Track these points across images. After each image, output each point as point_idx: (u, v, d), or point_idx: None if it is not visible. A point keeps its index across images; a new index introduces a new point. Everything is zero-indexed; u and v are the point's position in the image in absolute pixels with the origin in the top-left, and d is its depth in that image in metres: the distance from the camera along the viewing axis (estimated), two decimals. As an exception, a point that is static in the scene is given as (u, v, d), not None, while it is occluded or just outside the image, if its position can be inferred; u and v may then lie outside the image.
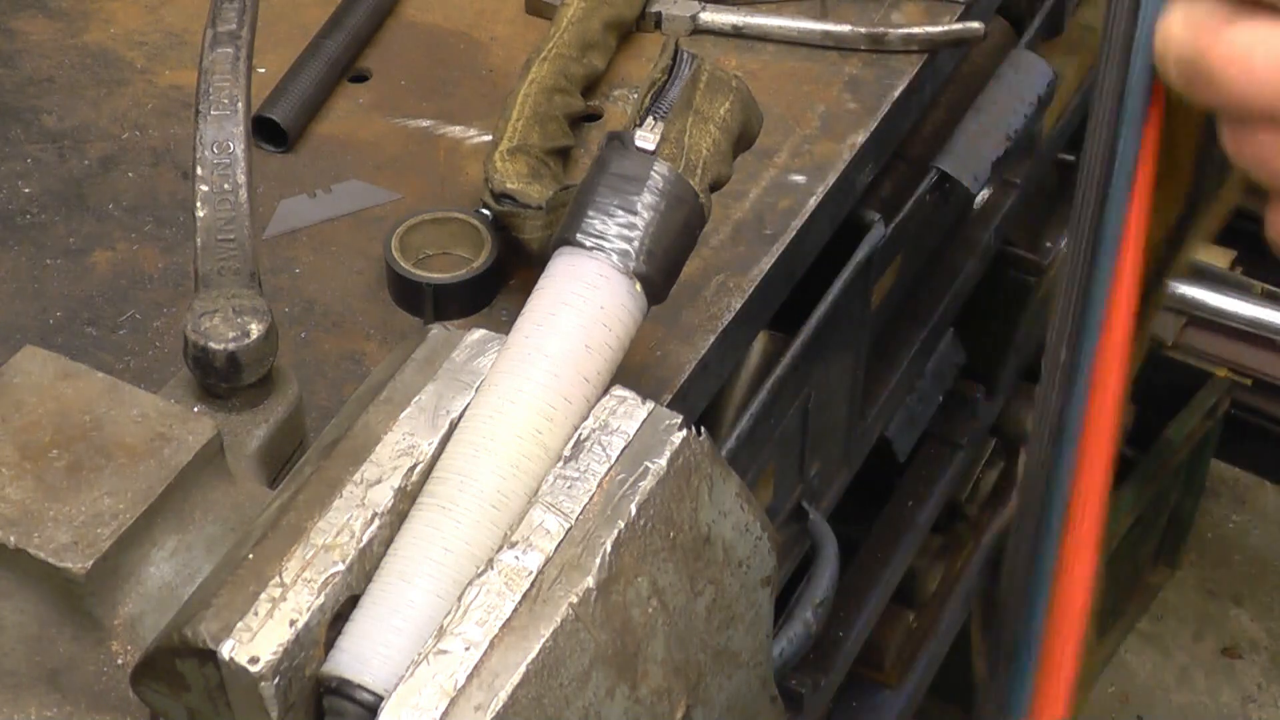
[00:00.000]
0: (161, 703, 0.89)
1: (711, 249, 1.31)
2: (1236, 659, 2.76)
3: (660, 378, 1.22)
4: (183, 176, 1.36)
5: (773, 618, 1.05)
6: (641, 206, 1.00)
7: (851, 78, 1.46)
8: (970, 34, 1.48)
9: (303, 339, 1.25)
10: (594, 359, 0.95)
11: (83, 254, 1.30)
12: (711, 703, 0.99)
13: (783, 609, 1.48)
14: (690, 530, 0.93)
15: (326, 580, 0.86)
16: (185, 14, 1.51)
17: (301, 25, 1.48)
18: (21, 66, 1.46)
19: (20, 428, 0.96)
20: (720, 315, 1.27)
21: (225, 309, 1.04)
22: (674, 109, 1.04)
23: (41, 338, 1.22)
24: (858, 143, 1.41)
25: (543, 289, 0.98)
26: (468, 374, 0.94)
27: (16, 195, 1.35)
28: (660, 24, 1.50)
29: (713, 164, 1.05)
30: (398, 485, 0.90)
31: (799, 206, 1.35)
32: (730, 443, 1.37)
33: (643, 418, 0.93)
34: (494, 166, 1.27)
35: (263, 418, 1.07)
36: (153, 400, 0.99)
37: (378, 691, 0.85)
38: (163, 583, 0.94)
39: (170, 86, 1.45)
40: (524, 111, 1.32)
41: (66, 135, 1.40)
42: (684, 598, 0.94)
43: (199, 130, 1.12)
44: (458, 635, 0.85)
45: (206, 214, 1.09)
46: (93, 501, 0.93)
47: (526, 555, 0.88)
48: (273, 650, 0.83)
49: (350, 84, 1.46)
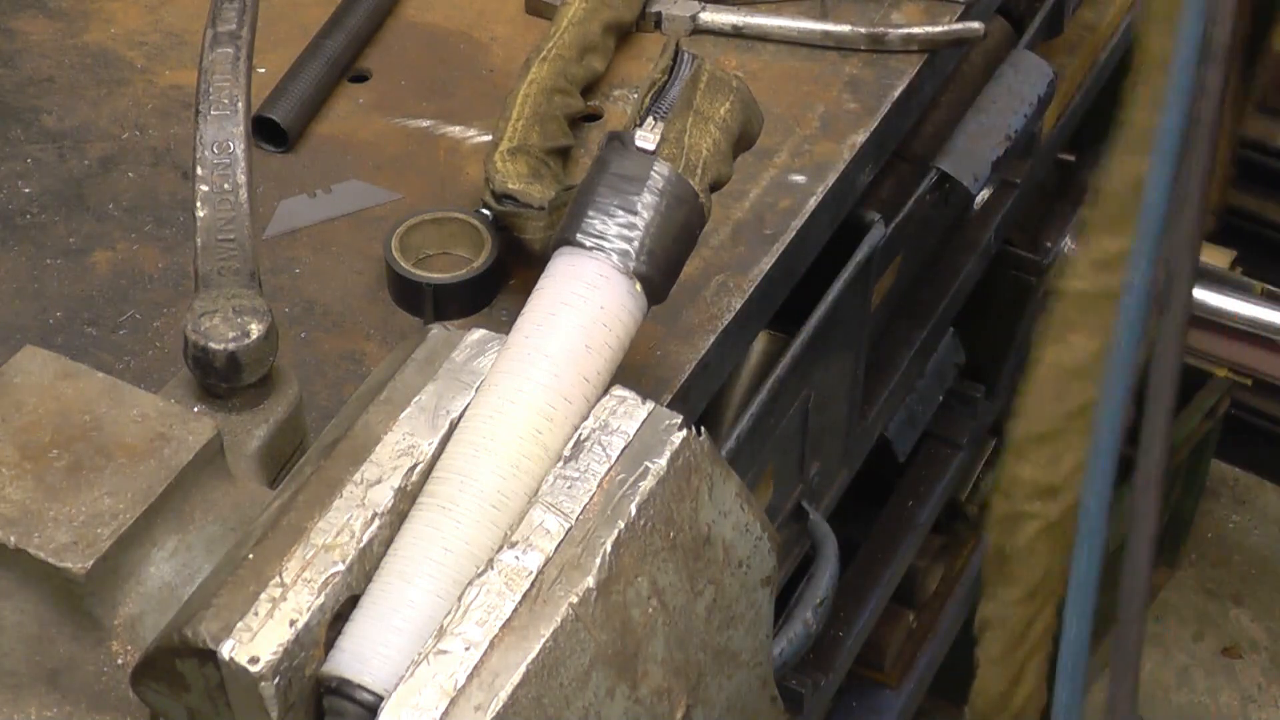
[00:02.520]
0: (161, 703, 0.89)
1: (711, 249, 1.31)
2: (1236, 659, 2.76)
3: (660, 378, 1.22)
4: (183, 176, 1.36)
5: (773, 618, 1.05)
6: (642, 206, 1.00)
7: (851, 78, 1.46)
8: (970, 34, 1.48)
9: (303, 339, 1.25)
10: (594, 359, 0.95)
11: (83, 254, 1.30)
12: (711, 703, 0.99)
13: (783, 609, 1.48)
14: (690, 530, 0.93)
15: (326, 580, 0.86)
16: (185, 14, 1.51)
17: (301, 25, 1.48)
18: (21, 66, 1.46)
19: (20, 428, 0.96)
20: (720, 315, 1.26)
21: (225, 309, 1.04)
22: (674, 109, 1.04)
23: (41, 338, 1.22)
24: (858, 143, 1.41)
25: (543, 289, 0.98)
26: (468, 374, 0.94)
27: (16, 195, 1.35)
28: (660, 24, 1.50)
29: (713, 164, 1.05)
30: (398, 485, 0.90)
31: (799, 206, 1.35)
32: (730, 443, 1.37)
33: (643, 418, 0.93)
34: (495, 167, 1.26)
35: (263, 418, 1.07)
36: (153, 400, 0.99)
37: (378, 691, 0.85)
38: (163, 583, 0.94)
39: (170, 86, 1.45)
40: (524, 112, 1.32)
41: (66, 135, 1.40)
42: (684, 598, 0.94)
43: (199, 130, 1.12)
44: (458, 635, 0.85)
45: (206, 214, 1.09)
46: (93, 501, 0.93)
47: (526, 555, 0.88)
48: (273, 650, 0.83)
49: (350, 84, 1.46)
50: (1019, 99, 1.65)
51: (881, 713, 2.01)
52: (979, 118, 1.63)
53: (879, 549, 1.91)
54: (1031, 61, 1.68)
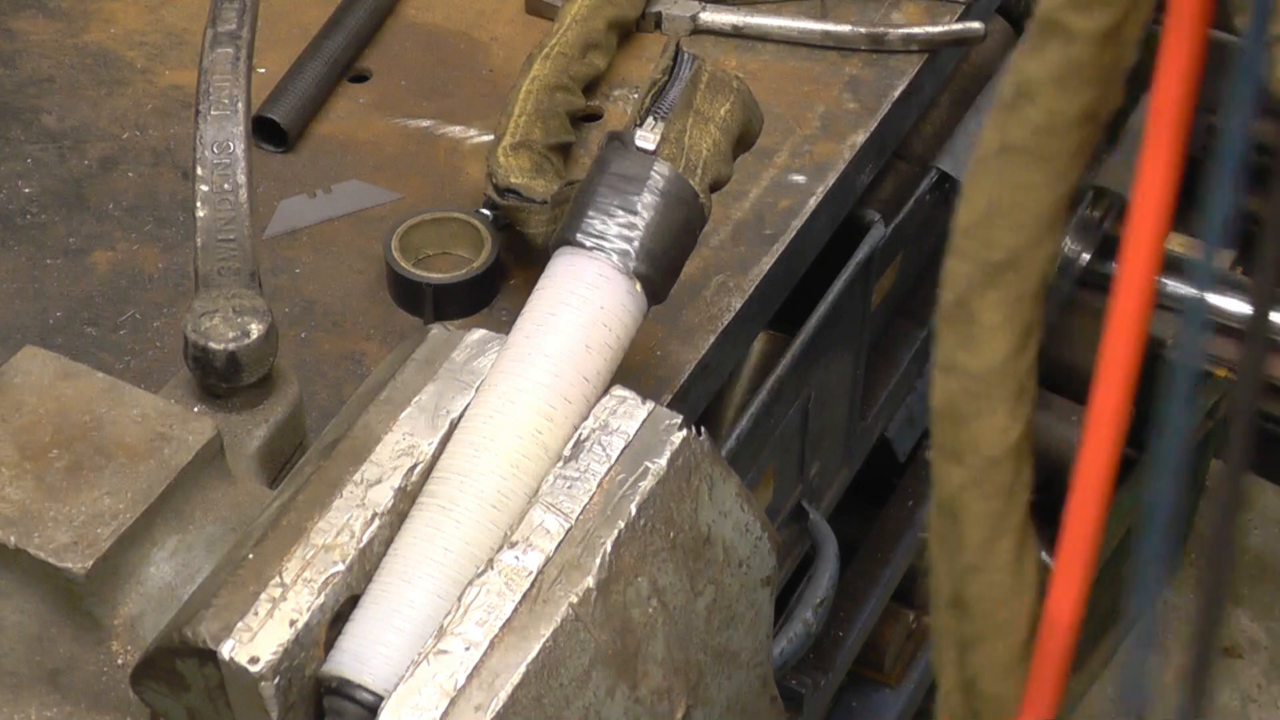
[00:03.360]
0: (161, 703, 0.89)
1: (711, 249, 1.31)
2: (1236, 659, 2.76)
3: (660, 378, 1.22)
4: (183, 176, 1.36)
5: (773, 618, 1.05)
6: (641, 206, 1.00)
7: (851, 78, 1.46)
8: (970, 34, 1.48)
9: (303, 339, 1.25)
10: (594, 359, 0.95)
11: (83, 254, 1.30)
12: (711, 703, 0.99)
13: (783, 609, 1.48)
14: (690, 530, 0.93)
15: (326, 580, 0.86)
16: (185, 14, 1.51)
17: (301, 25, 1.48)
18: (21, 66, 1.46)
19: (20, 428, 0.96)
20: (720, 315, 1.26)
21: (225, 309, 1.04)
22: (674, 109, 1.04)
23: (41, 338, 1.22)
24: (858, 143, 1.41)
25: (543, 289, 0.98)
26: (468, 374, 0.94)
27: (16, 195, 1.35)
28: (660, 24, 1.50)
29: (713, 164, 1.05)
30: (398, 485, 0.90)
31: (799, 206, 1.35)
32: (730, 443, 1.37)
33: (643, 418, 0.93)
34: (497, 161, 1.27)
35: (263, 418, 1.07)
36: (153, 400, 0.99)
37: (378, 691, 0.85)
38: (163, 583, 0.94)
39: (170, 86, 1.45)
40: (526, 108, 1.32)
41: (66, 135, 1.40)
42: (684, 598, 0.94)
43: (199, 130, 1.12)
44: (458, 635, 0.85)
45: (206, 214, 1.09)
46: (93, 501, 0.93)
47: (526, 555, 0.88)
48: (273, 650, 0.83)
49: (350, 84, 1.46)
50: (1019, 99, 1.65)
51: (881, 713, 2.01)
52: (979, 118, 1.63)
53: (879, 549, 1.91)
54: (1031, 61, 1.68)
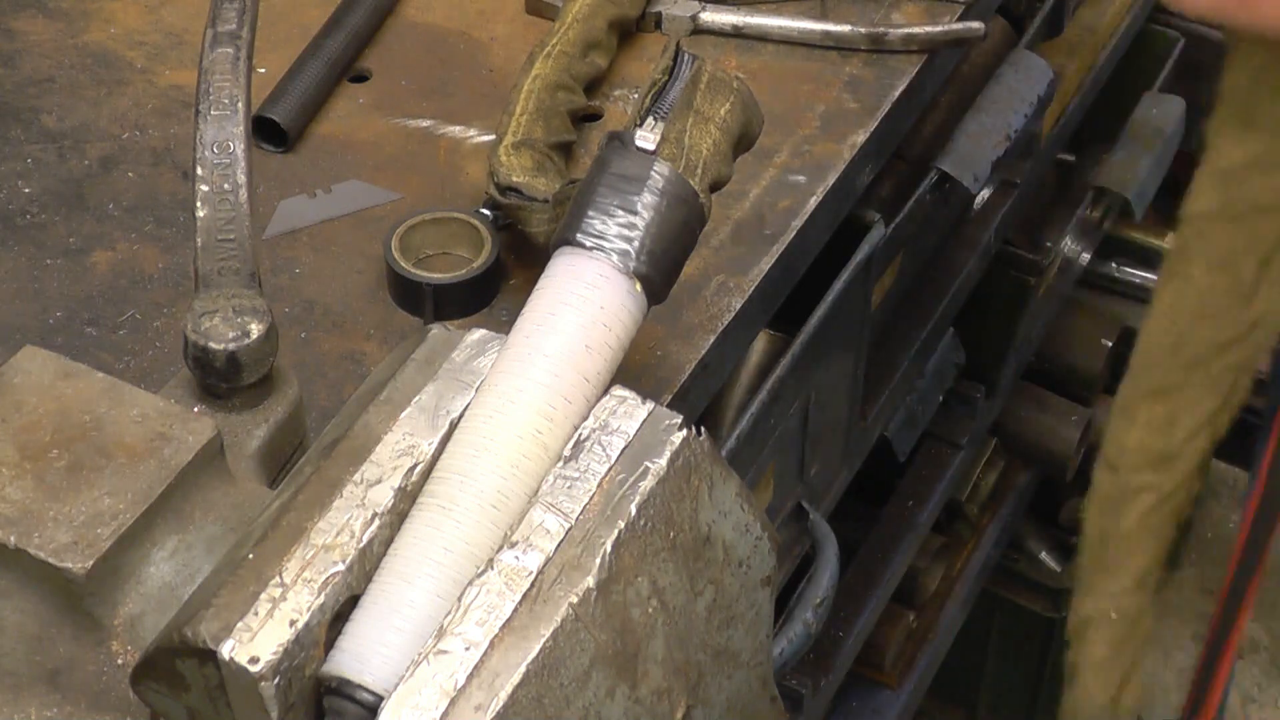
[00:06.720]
0: (161, 703, 0.89)
1: (711, 249, 1.31)
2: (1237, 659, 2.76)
3: (660, 378, 1.22)
4: (183, 176, 1.36)
5: (773, 618, 1.05)
6: (641, 206, 1.00)
7: (851, 78, 1.46)
8: (970, 34, 1.48)
9: (303, 339, 1.25)
10: (594, 359, 0.95)
11: (83, 254, 1.30)
12: (711, 703, 0.99)
13: (783, 609, 1.48)
14: (690, 530, 0.93)
15: (326, 580, 0.86)
16: (185, 14, 1.51)
17: (301, 25, 1.48)
18: (21, 66, 1.46)
19: (20, 428, 0.96)
20: (720, 315, 1.26)
21: (225, 309, 1.04)
22: (674, 109, 1.04)
23: (41, 338, 1.22)
24: (858, 143, 1.41)
25: (543, 289, 0.98)
26: (468, 374, 0.94)
27: (16, 195, 1.35)
28: (661, 24, 1.50)
29: (713, 164, 1.05)
30: (398, 485, 0.90)
31: (799, 206, 1.35)
32: (730, 443, 1.37)
33: (643, 418, 0.93)
34: (499, 160, 1.27)
35: (263, 418, 1.07)
36: (153, 400, 0.99)
37: (378, 691, 0.85)
38: (163, 583, 0.94)
39: (170, 86, 1.45)
40: (528, 106, 1.32)
41: (66, 135, 1.40)
42: (684, 598, 0.94)
43: (199, 130, 1.12)
44: (458, 635, 0.85)
45: (206, 214, 1.09)
46: (93, 501, 0.93)
47: (526, 555, 0.88)
48: (273, 650, 0.83)
49: (350, 84, 1.46)
50: (1019, 99, 1.65)
51: (881, 713, 2.01)
52: (979, 118, 1.63)
53: (879, 549, 1.91)
54: (1031, 61, 1.68)
